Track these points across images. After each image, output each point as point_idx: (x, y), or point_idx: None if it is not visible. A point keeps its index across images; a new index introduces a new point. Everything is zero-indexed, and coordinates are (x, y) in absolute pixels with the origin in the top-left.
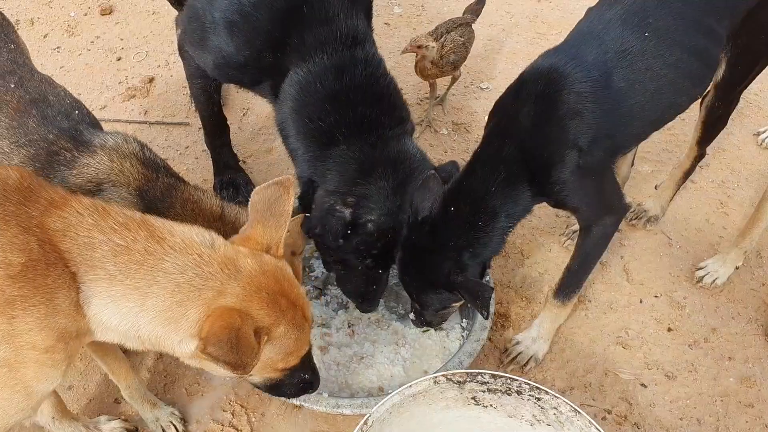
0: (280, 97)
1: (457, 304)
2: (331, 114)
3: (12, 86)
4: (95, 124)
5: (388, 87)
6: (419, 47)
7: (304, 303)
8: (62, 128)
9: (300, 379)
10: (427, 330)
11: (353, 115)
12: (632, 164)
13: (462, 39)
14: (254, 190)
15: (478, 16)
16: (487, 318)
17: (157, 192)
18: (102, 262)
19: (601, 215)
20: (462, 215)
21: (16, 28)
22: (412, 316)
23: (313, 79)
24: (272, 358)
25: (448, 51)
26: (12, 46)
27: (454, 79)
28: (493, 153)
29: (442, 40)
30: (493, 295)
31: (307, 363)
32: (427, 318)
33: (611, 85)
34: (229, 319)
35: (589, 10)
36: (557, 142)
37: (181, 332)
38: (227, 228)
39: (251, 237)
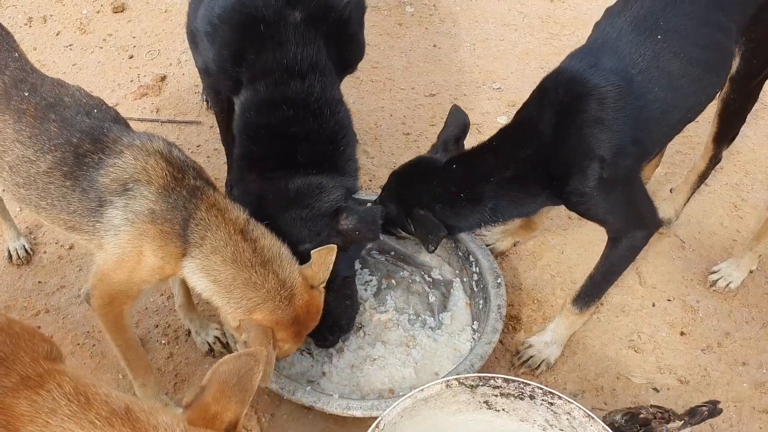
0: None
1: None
2: (245, 145)
3: (26, 94)
4: (118, 120)
5: (310, 135)
6: None
7: None
8: (85, 129)
9: None
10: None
11: (256, 156)
12: (658, 165)
13: None
14: (223, 359)
15: None
16: (431, 252)
17: (183, 192)
18: None
19: (631, 228)
20: (454, 184)
21: (29, 25)
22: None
23: (249, 107)
24: None
25: None
26: (16, 55)
27: None
28: (508, 151)
29: None
30: (505, 296)
31: None
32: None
33: (633, 89)
34: None
35: (608, 9)
36: (576, 151)
37: None
38: (246, 245)
39: (217, 416)
